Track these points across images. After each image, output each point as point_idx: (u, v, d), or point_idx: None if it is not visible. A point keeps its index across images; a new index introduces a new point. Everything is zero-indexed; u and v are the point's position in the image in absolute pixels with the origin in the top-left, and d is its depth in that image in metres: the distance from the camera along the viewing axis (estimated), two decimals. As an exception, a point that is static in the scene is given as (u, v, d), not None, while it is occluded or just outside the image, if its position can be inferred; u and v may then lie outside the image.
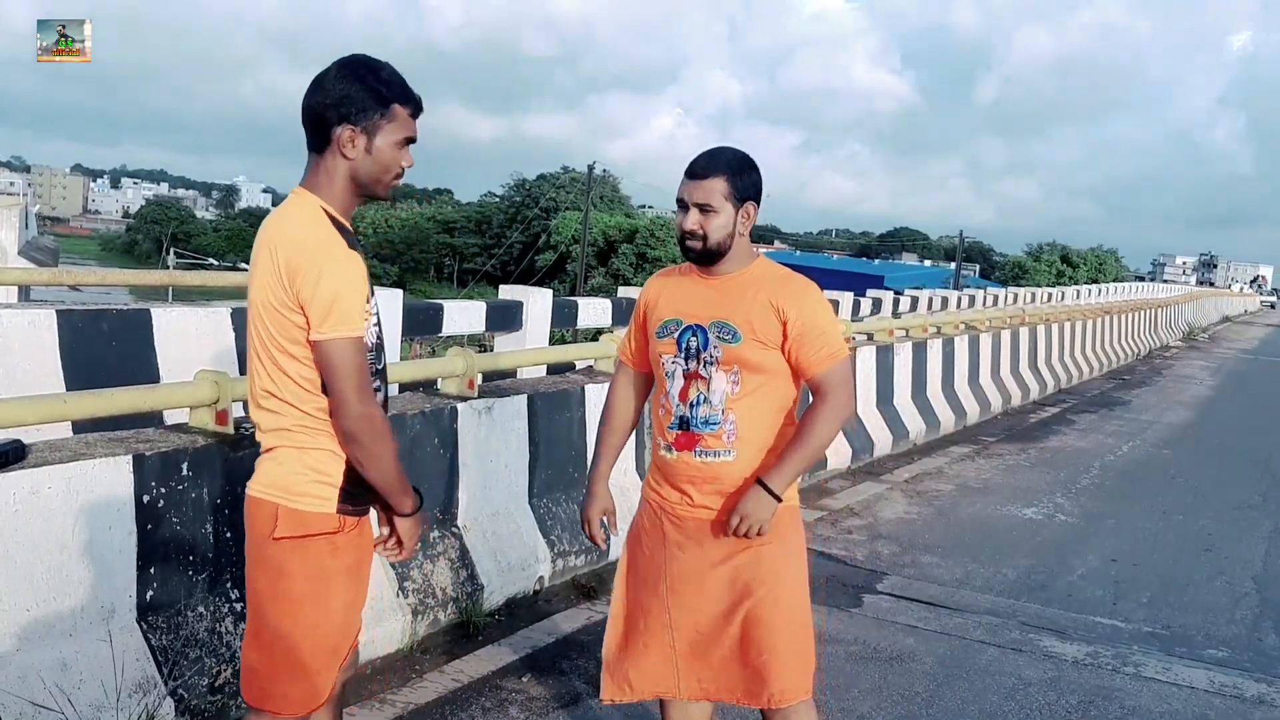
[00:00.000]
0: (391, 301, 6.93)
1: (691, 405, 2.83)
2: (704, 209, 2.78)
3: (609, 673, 3.01)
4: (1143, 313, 23.92)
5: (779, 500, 2.76)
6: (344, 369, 2.26)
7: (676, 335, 2.86)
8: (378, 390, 2.41)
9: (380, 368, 2.46)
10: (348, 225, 2.38)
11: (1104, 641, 5.13)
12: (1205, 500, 8.63)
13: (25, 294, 8.95)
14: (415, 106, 2.40)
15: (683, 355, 2.85)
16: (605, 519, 3.05)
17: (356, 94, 2.31)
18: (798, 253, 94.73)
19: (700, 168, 2.80)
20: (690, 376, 2.83)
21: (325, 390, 2.31)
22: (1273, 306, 77.76)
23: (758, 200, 2.84)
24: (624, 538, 3.10)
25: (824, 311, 2.83)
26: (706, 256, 2.82)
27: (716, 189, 2.78)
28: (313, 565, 2.38)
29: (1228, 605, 5.87)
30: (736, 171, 2.81)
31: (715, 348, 2.80)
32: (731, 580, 2.84)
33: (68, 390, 5.24)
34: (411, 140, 2.41)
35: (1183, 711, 4.39)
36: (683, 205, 2.81)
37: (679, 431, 2.85)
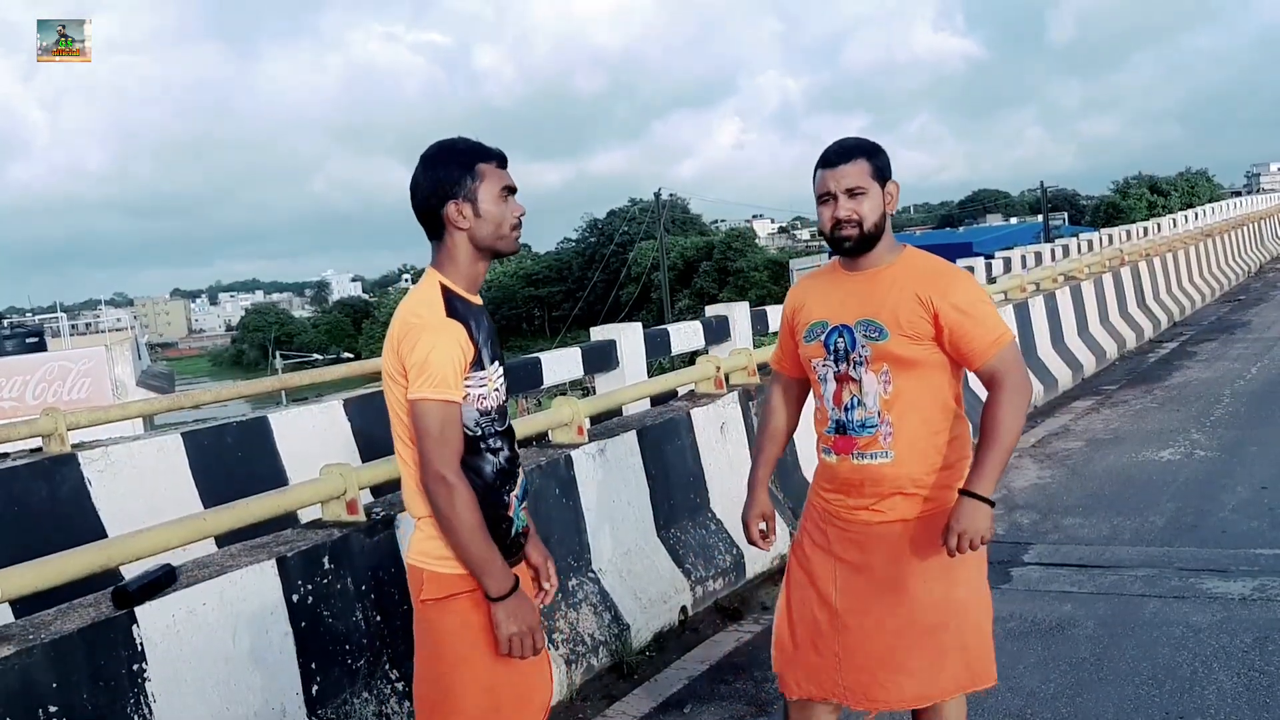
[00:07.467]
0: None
1: (846, 409, 2.81)
2: (853, 192, 2.73)
3: (784, 670, 2.96)
4: (1245, 228, 23.07)
5: (991, 505, 2.70)
6: (423, 428, 2.36)
7: (824, 337, 2.83)
8: (498, 451, 2.48)
9: (502, 429, 2.52)
10: (469, 296, 2.49)
11: (1269, 573, 4.95)
12: (1351, 409, 8.29)
13: (150, 422, 9.33)
14: (498, 159, 2.51)
15: (831, 357, 2.82)
16: (764, 523, 3.05)
17: (444, 173, 2.46)
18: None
19: (837, 154, 2.77)
20: (841, 379, 2.81)
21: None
22: None
23: (893, 181, 2.82)
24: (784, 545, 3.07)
25: (978, 299, 2.76)
26: (864, 242, 2.76)
27: (862, 170, 2.74)
28: (461, 621, 2.45)
29: (1395, 513, 5.62)
30: (873, 153, 2.79)
31: (863, 347, 2.76)
32: (898, 580, 2.79)
33: (204, 507, 5.45)
34: (511, 189, 2.51)
35: (1367, 631, 4.22)
36: (828, 198, 2.76)
37: (836, 435, 2.83)
